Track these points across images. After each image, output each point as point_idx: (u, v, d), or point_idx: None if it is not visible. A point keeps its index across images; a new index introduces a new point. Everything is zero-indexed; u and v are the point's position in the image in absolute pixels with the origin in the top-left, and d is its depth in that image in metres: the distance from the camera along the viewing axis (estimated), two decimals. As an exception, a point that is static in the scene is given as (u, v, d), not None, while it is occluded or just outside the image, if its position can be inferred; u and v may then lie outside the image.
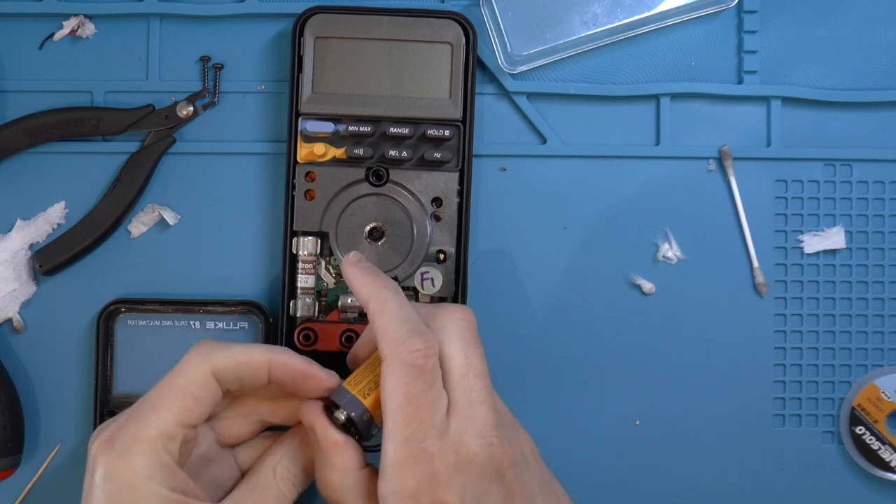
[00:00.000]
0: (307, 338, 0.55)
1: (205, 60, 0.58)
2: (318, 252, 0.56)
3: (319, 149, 0.55)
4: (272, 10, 0.58)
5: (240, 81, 0.58)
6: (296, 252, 0.55)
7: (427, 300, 0.55)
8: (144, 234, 0.57)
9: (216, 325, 0.56)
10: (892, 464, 0.57)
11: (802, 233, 0.58)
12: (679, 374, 0.58)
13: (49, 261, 0.56)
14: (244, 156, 0.58)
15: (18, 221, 0.57)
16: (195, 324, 0.56)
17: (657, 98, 0.58)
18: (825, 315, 0.58)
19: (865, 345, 0.58)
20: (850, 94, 0.59)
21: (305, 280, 0.55)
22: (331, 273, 0.56)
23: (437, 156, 0.55)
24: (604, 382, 0.58)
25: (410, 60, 0.56)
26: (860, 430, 0.57)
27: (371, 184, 0.56)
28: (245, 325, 0.56)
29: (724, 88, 0.58)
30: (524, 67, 0.58)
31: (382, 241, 0.55)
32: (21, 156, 0.57)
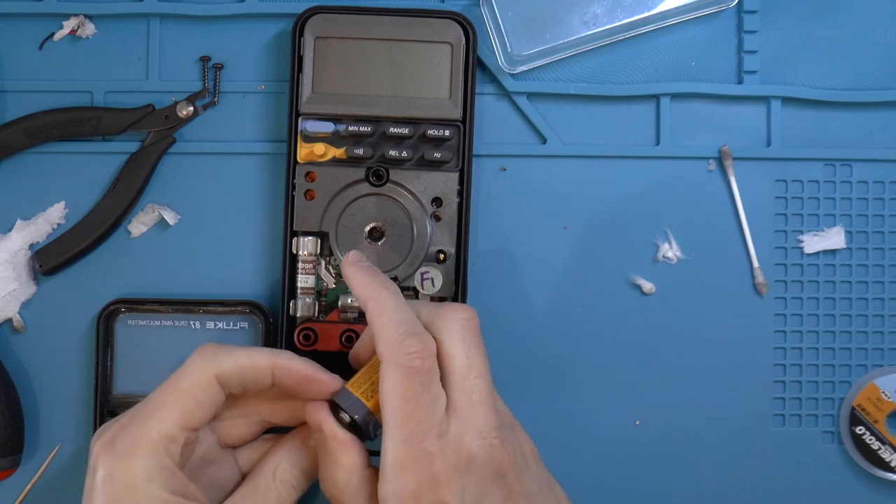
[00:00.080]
0: (307, 338, 0.55)
1: (205, 60, 0.58)
2: (318, 252, 0.56)
3: (319, 149, 0.55)
4: (272, 10, 0.58)
5: (240, 81, 0.58)
6: (296, 252, 0.55)
7: (427, 300, 0.55)
8: (144, 234, 0.57)
9: (216, 325, 0.56)
10: (892, 464, 0.57)
11: (802, 233, 0.58)
12: (679, 374, 0.58)
13: (49, 261, 0.56)
14: (244, 156, 0.58)
15: (18, 221, 0.57)
16: (195, 324, 0.56)
17: (657, 98, 0.58)
18: (825, 315, 0.58)
19: (865, 345, 0.58)
20: (850, 94, 0.59)
21: (305, 280, 0.55)
22: (331, 273, 0.56)
23: (437, 156, 0.55)
24: (604, 382, 0.58)
25: (410, 60, 0.56)
26: (860, 430, 0.57)
27: (371, 184, 0.56)
28: (245, 326, 0.56)
29: (724, 88, 0.58)
30: (524, 67, 0.58)
31: (382, 241, 0.55)
32: (21, 156, 0.57)
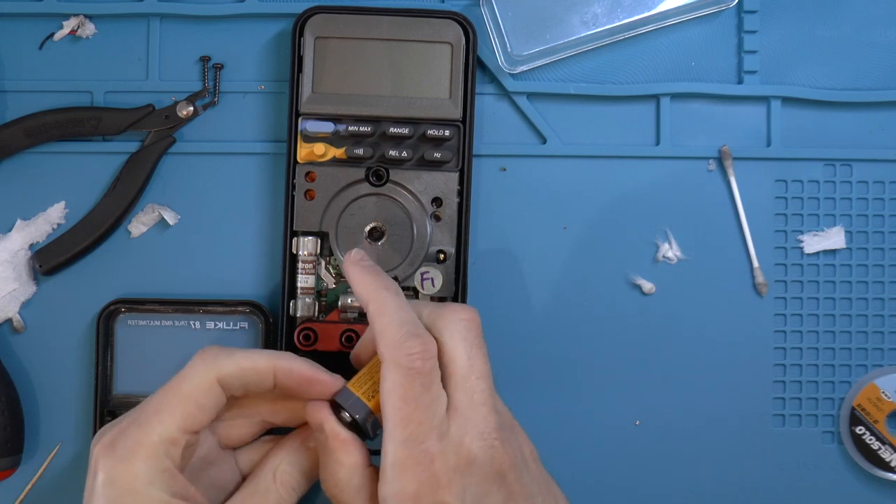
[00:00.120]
0: (307, 338, 0.55)
1: (205, 60, 0.58)
2: (318, 252, 0.56)
3: (319, 149, 0.55)
4: (272, 10, 0.58)
5: (240, 81, 0.58)
6: (296, 252, 0.55)
7: (427, 300, 0.55)
8: (144, 234, 0.57)
9: (216, 325, 0.56)
10: (892, 464, 0.57)
11: (802, 233, 0.58)
12: (679, 374, 0.58)
13: (49, 261, 0.56)
14: (244, 156, 0.58)
15: (18, 221, 0.57)
16: (195, 324, 0.56)
17: (657, 98, 0.58)
18: (825, 315, 0.58)
19: (865, 345, 0.58)
20: (850, 94, 0.59)
21: (305, 280, 0.55)
22: (331, 273, 0.56)
23: (437, 156, 0.55)
24: (604, 382, 0.58)
25: (410, 60, 0.56)
26: (860, 430, 0.57)
27: (371, 184, 0.56)
28: (245, 326, 0.56)
29: (724, 88, 0.58)
30: (524, 67, 0.58)
31: (382, 241, 0.55)
32: (21, 156, 0.57)
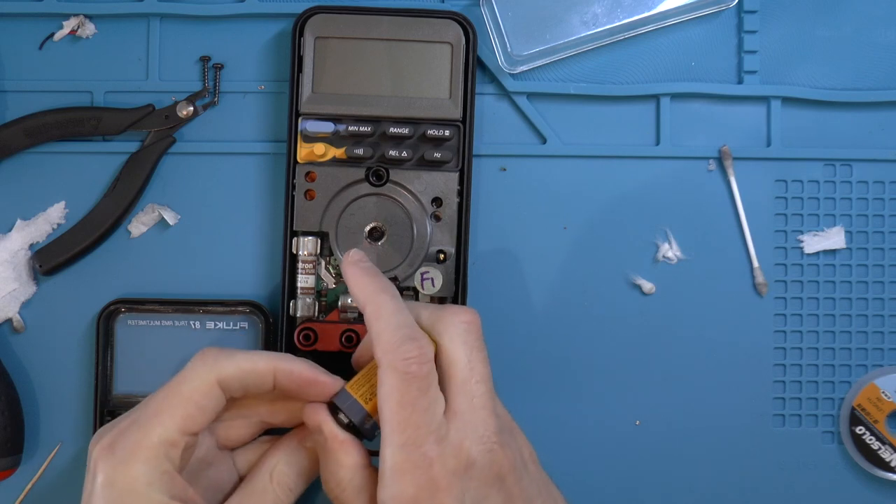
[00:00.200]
0: (307, 338, 0.55)
1: (205, 60, 0.58)
2: (318, 252, 0.56)
3: (319, 149, 0.55)
4: (272, 10, 0.58)
5: (240, 81, 0.58)
6: (296, 252, 0.55)
7: (427, 300, 0.55)
8: (144, 234, 0.57)
9: (216, 325, 0.56)
10: (892, 464, 0.57)
11: (802, 233, 0.58)
12: (679, 374, 0.58)
13: (49, 261, 0.56)
14: (244, 156, 0.58)
15: (18, 221, 0.57)
16: (195, 324, 0.56)
17: (657, 98, 0.58)
18: (825, 315, 0.58)
19: (865, 345, 0.58)
20: (850, 94, 0.59)
21: (305, 280, 0.55)
22: (331, 273, 0.56)
23: (437, 156, 0.55)
24: (604, 382, 0.58)
25: (410, 60, 0.56)
26: (860, 430, 0.57)
27: (371, 184, 0.56)
28: (245, 326, 0.56)
29: (724, 88, 0.58)
30: (524, 67, 0.58)
31: (382, 241, 0.55)
32: (21, 156, 0.57)
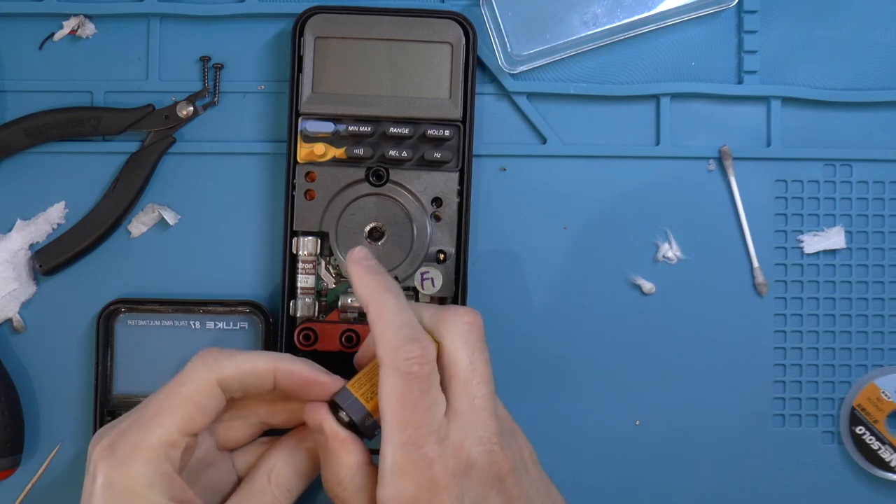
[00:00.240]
0: (307, 338, 0.55)
1: (205, 60, 0.58)
2: (318, 252, 0.56)
3: (319, 149, 0.55)
4: (272, 10, 0.58)
5: (240, 81, 0.58)
6: (296, 252, 0.55)
7: (427, 300, 0.55)
8: (144, 234, 0.57)
9: (216, 325, 0.56)
10: (892, 464, 0.57)
11: (802, 233, 0.58)
12: (679, 374, 0.58)
13: (49, 261, 0.56)
14: (244, 156, 0.58)
15: (18, 221, 0.57)
16: (195, 324, 0.56)
17: (657, 98, 0.58)
18: (825, 315, 0.58)
19: (865, 345, 0.58)
20: (850, 94, 0.59)
21: (305, 280, 0.55)
22: (331, 273, 0.56)
23: (437, 156, 0.55)
24: (604, 382, 0.58)
25: (410, 60, 0.56)
26: (860, 430, 0.57)
27: (371, 184, 0.56)
28: (245, 326, 0.56)
29: (724, 88, 0.58)
30: (524, 67, 0.58)
31: (382, 241, 0.55)
32: (21, 156, 0.57)
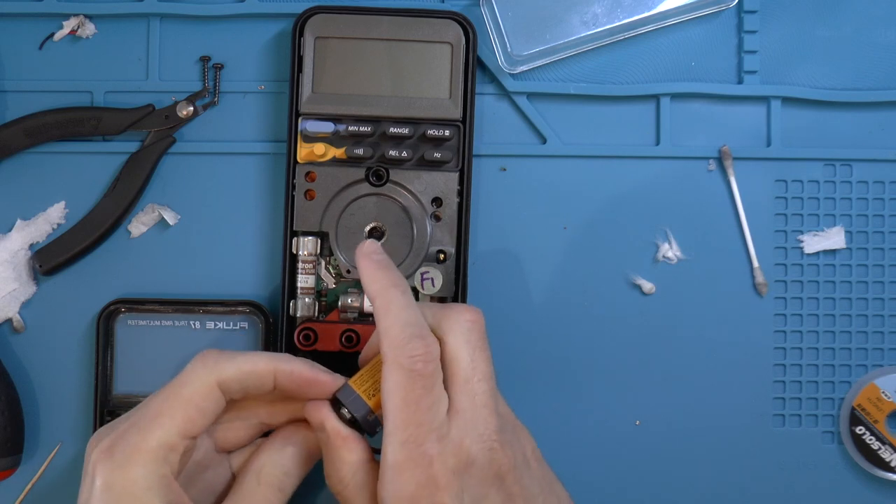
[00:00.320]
0: (307, 338, 0.55)
1: (205, 60, 0.58)
2: (318, 252, 0.56)
3: (319, 149, 0.55)
4: (272, 10, 0.58)
5: (240, 81, 0.58)
6: (296, 252, 0.55)
7: (427, 300, 0.55)
8: (144, 234, 0.57)
9: (216, 325, 0.56)
10: (892, 464, 0.57)
11: (802, 233, 0.58)
12: (679, 374, 0.58)
13: (49, 261, 0.56)
14: (244, 156, 0.58)
15: (18, 221, 0.57)
16: (195, 324, 0.56)
17: (657, 98, 0.58)
18: (825, 315, 0.58)
19: (865, 345, 0.58)
20: (850, 94, 0.59)
21: (305, 280, 0.55)
22: (331, 273, 0.56)
23: (437, 156, 0.55)
24: (604, 382, 0.58)
25: (410, 60, 0.56)
26: (860, 430, 0.57)
27: (371, 184, 0.56)
28: (245, 326, 0.56)
29: (724, 88, 0.58)
30: (524, 67, 0.58)
31: (382, 241, 0.55)
32: (21, 156, 0.57)
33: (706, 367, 0.58)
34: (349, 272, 0.55)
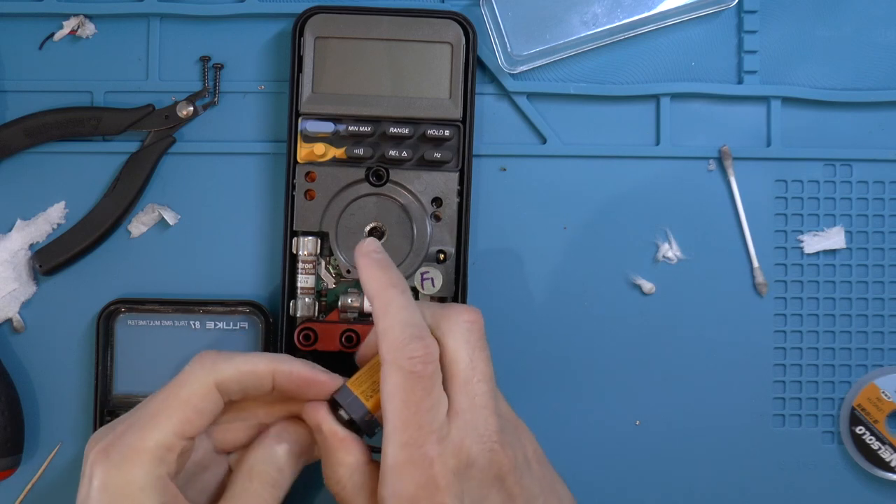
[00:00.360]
0: (307, 338, 0.55)
1: (205, 60, 0.58)
2: (318, 252, 0.56)
3: (319, 149, 0.55)
4: (272, 10, 0.58)
5: (240, 81, 0.58)
6: (296, 252, 0.55)
7: (427, 300, 0.55)
8: (144, 234, 0.57)
9: (216, 325, 0.56)
10: (892, 464, 0.57)
11: (802, 233, 0.58)
12: (679, 374, 0.58)
13: (49, 261, 0.56)
14: (244, 156, 0.58)
15: (18, 221, 0.57)
16: (195, 324, 0.56)
17: (657, 98, 0.58)
18: (825, 315, 0.58)
19: (865, 345, 0.58)
20: (850, 94, 0.59)
21: (305, 280, 0.55)
22: (331, 273, 0.56)
23: (437, 156, 0.55)
24: (604, 382, 0.58)
25: (410, 60, 0.56)
26: (860, 430, 0.57)
27: (371, 184, 0.56)
28: (245, 326, 0.56)
29: (724, 88, 0.58)
30: (524, 67, 0.58)
31: (382, 241, 0.55)
32: (21, 156, 0.57)
33: (706, 367, 0.58)
34: (349, 272, 0.55)
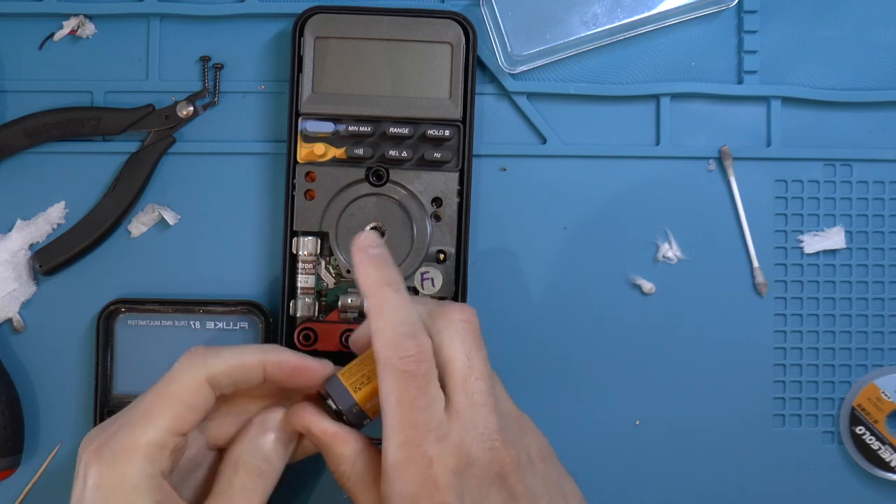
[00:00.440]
0: (307, 338, 0.55)
1: (205, 60, 0.58)
2: (318, 252, 0.56)
3: (319, 149, 0.55)
4: (272, 10, 0.58)
5: (240, 81, 0.58)
6: (296, 252, 0.55)
7: (427, 299, 0.55)
8: (144, 234, 0.57)
9: (216, 325, 0.56)
10: (892, 464, 0.57)
11: (802, 233, 0.58)
12: (679, 374, 0.58)
13: (49, 261, 0.56)
14: (244, 156, 0.58)
15: (18, 221, 0.57)
16: (195, 324, 0.56)
17: (657, 98, 0.58)
18: (825, 315, 0.58)
19: (865, 345, 0.58)
20: (850, 94, 0.59)
21: (305, 280, 0.55)
22: (331, 273, 0.56)
23: (437, 156, 0.55)
24: (604, 382, 0.58)
25: (410, 60, 0.56)
26: (860, 430, 0.57)
27: (371, 184, 0.56)
28: (245, 325, 0.56)
29: (724, 88, 0.58)
30: (524, 67, 0.58)
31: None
32: (21, 156, 0.57)
33: (706, 367, 0.58)
34: (349, 272, 0.55)
